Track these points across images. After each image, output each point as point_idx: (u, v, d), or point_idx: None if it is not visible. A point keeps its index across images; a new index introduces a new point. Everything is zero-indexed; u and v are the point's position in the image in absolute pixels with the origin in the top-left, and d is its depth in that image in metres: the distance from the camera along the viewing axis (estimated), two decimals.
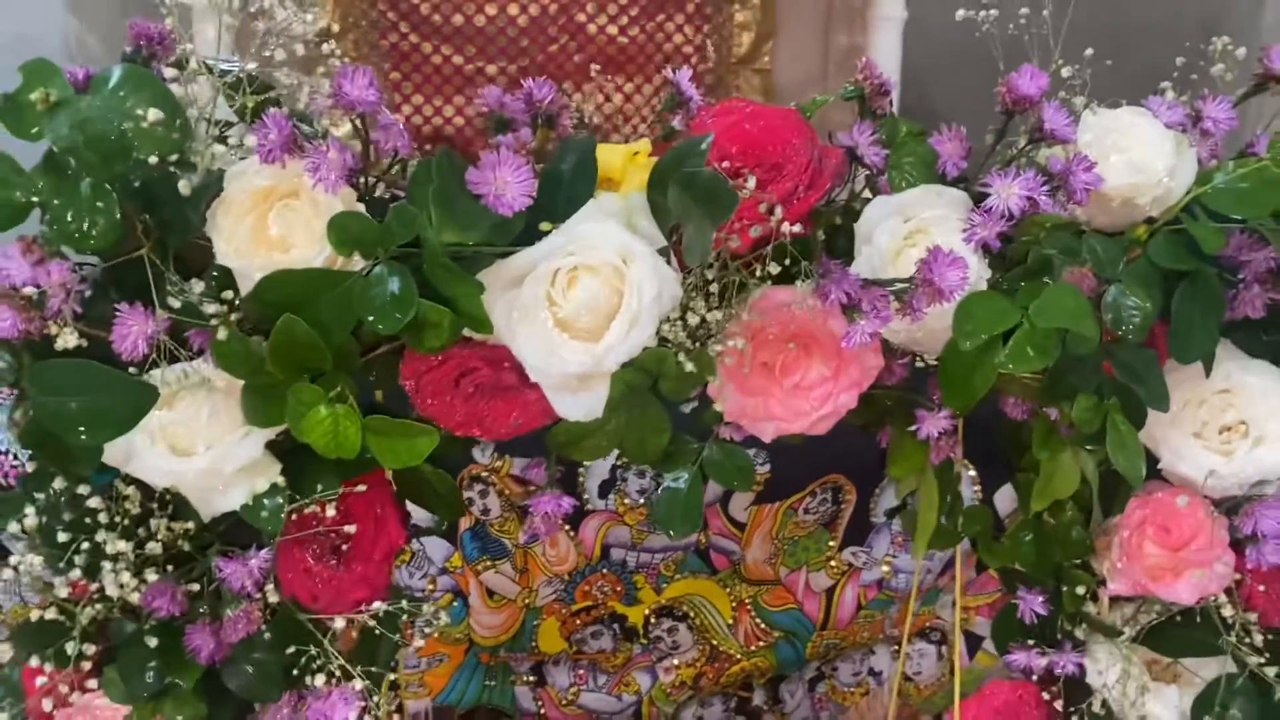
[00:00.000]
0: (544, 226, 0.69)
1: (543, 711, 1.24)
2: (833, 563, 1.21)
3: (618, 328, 0.66)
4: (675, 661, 1.23)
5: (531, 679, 1.24)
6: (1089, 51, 0.78)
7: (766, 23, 1.83)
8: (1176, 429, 0.80)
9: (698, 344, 0.67)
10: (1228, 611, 0.79)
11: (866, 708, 1.31)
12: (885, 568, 1.23)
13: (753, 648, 1.23)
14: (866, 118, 0.76)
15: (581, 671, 1.24)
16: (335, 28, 1.75)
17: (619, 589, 1.19)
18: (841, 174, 0.74)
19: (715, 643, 1.23)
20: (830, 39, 1.90)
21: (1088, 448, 0.74)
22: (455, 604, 1.17)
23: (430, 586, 1.16)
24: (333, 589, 0.74)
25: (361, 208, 0.67)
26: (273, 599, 0.70)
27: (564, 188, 0.70)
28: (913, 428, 0.77)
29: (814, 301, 0.69)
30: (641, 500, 1.14)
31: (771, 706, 1.29)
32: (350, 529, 0.73)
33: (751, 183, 0.65)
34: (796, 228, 0.67)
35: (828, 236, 0.76)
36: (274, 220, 0.67)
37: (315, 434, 0.68)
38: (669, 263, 0.68)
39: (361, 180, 0.71)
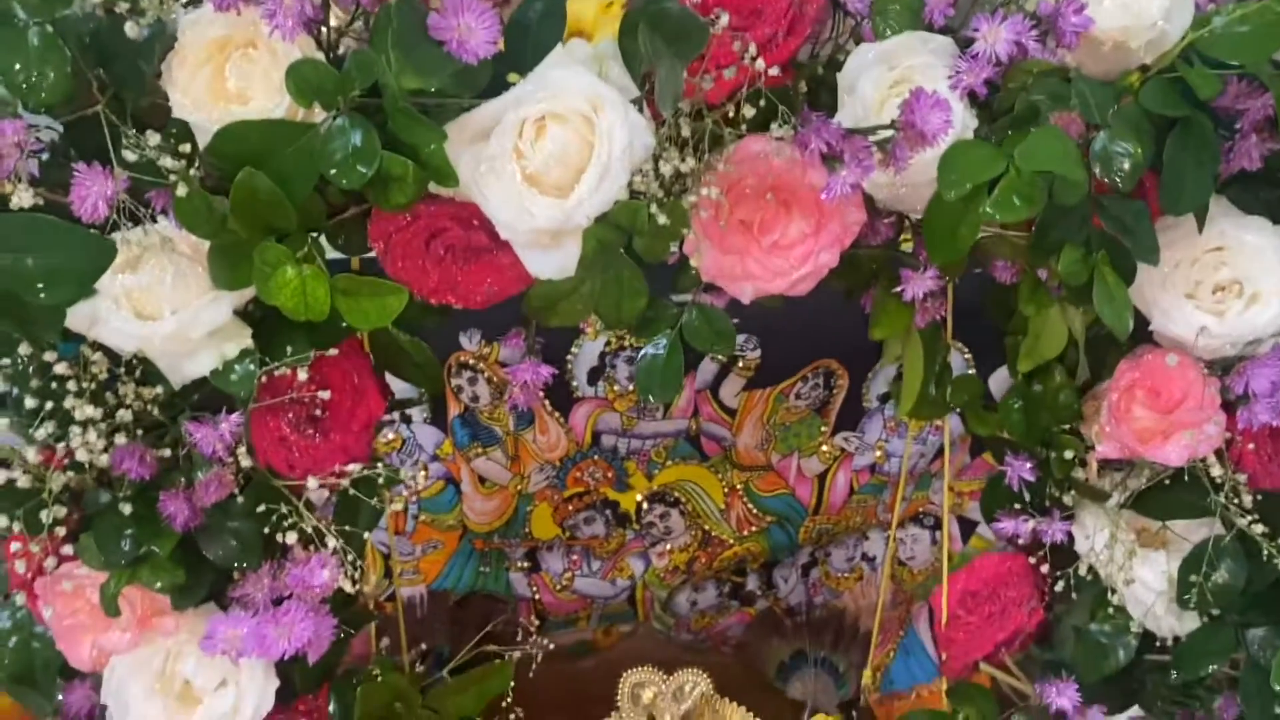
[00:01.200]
0: (511, 78, 0.66)
1: (538, 597, 1.25)
2: (825, 448, 1.20)
3: (588, 179, 0.64)
4: (668, 546, 1.24)
5: (526, 565, 1.24)
6: None
7: None
8: (1168, 289, 0.78)
9: (671, 197, 0.65)
10: (1216, 472, 0.77)
11: (860, 592, 1.32)
12: (878, 452, 1.22)
13: (745, 533, 1.23)
14: None
15: (575, 557, 1.24)
16: None
17: (610, 475, 1.19)
18: (822, 20, 0.71)
19: (707, 528, 1.23)
20: None
21: (1075, 306, 0.72)
22: (447, 490, 1.17)
23: (422, 475, 1.16)
24: (310, 458, 0.73)
25: (320, 56, 0.65)
26: (245, 463, 0.69)
27: (531, 36, 0.67)
28: (897, 289, 0.75)
29: (793, 151, 0.67)
30: (631, 387, 1.14)
31: (765, 591, 1.30)
32: (325, 394, 0.72)
33: (724, 19, 0.62)
34: (775, 71, 0.64)
35: (809, 88, 0.73)
36: (231, 71, 0.65)
37: (282, 295, 0.66)
38: (641, 112, 0.66)
39: (324, 34, 0.68)
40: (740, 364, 1.13)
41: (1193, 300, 0.78)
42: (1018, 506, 0.84)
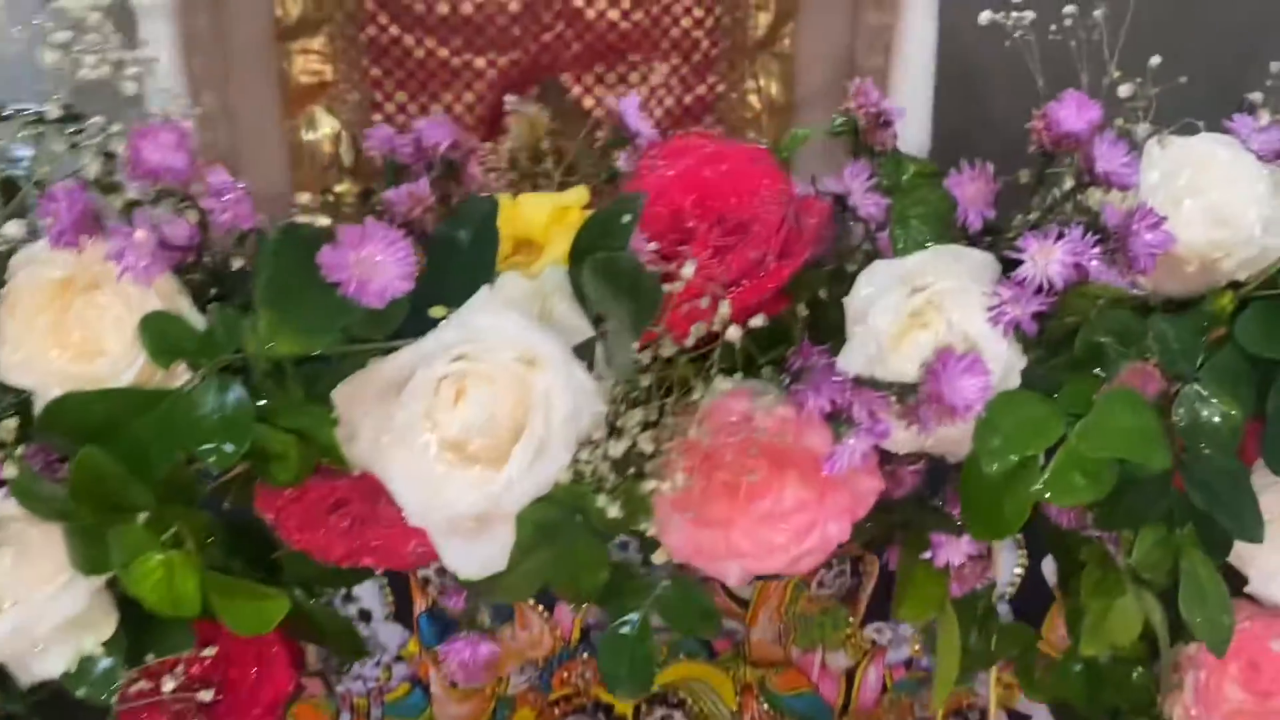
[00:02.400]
0: (435, 313, 0.52)
1: None
2: (853, 641, 1.05)
3: (520, 456, 0.50)
4: None
5: None
6: (1154, 60, 0.60)
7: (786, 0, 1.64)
8: (1271, 545, 0.62)
9: (626, 478, 0.51)
10: None
11: None
12: (915, 645, 1.07)
13: None
14: (861, 156, 0.58)
15: None
16: (306, 20, 1.59)
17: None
18: (824, 237, 0.57)
19: None
20: (859, 16, 1.70)
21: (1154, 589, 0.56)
22: (414, 693, 1.03)
23: (384, 675, 1.02)
24: None
25: (185, 299, 0.52)
26: None
27: (459, 263, 0.54)
28: (927, 554, 0.60)
29: (783, 410, 0.52)
30: None
31: None
32: (206, 696, 0.58)
33: (689, 269, 0.48)
34: (757, 321, 0.50)
35: (811, 311, 0.59)
36: (74, 321, 0.51)
37: (144, 586, 0.53)
38: (597, 358, 0.52)
39: (204, 257, 0.55)
40: None
41: None
42: None
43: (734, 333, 0.47)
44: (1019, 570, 0.94)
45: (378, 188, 0.59)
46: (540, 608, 1.00)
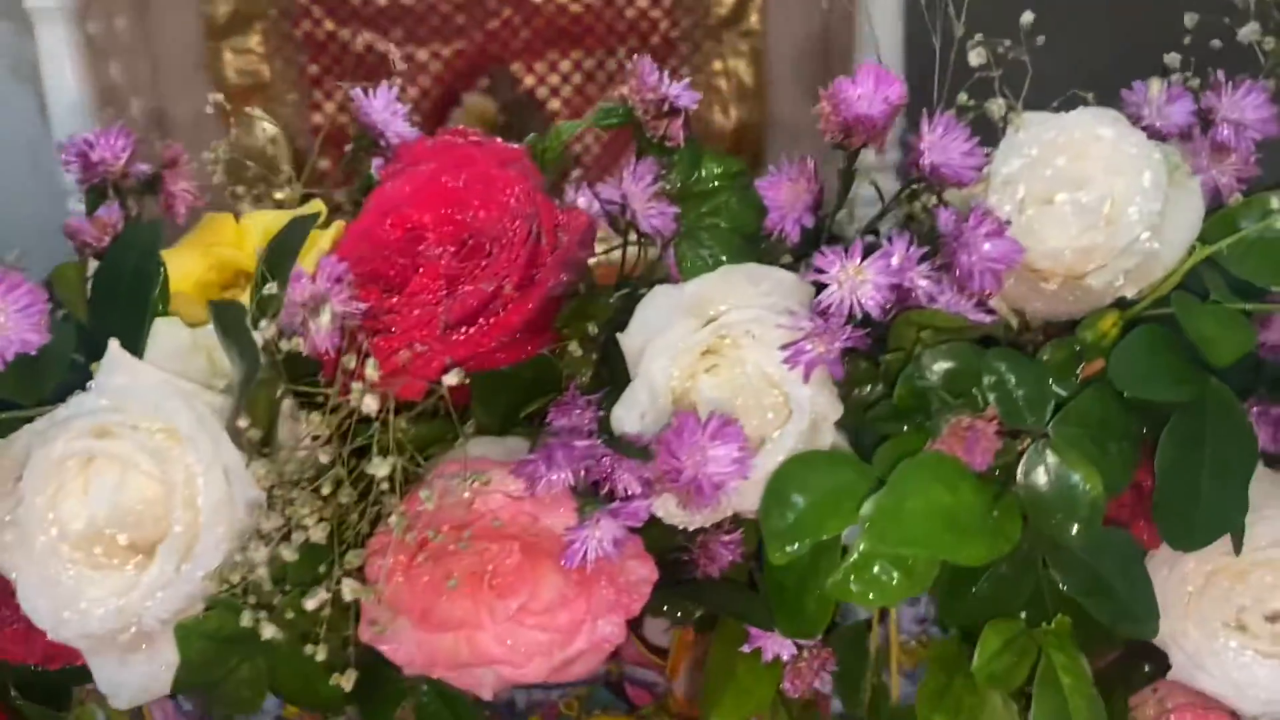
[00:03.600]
0: (96, 369, 0.42)
1: None
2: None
3: (164, 558, 0.39)
4: None
5: None
6: (1026, 17, 0.47)
7: None
8: (1194, 620, 0.49)
9: (298, 589, 0.40)
10: None
11: None
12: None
13: None
14: (647, 153, 0.46)
15: None
16: (237, 16, 1.50)
17: None
18: (580, 258, 0.45)
19: None
20: None
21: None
22: None
23: None
24: None
25: None
26: None
27: (121, 304, 0.43)
28: (748, 647, 0.48)
29: (511, 484, 0.41)
30: None
31: None
32: None
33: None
34: (450, 379, 0.38)
35: (595, 347, 0.47)
36: None
37: None
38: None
39: None
40: None
41: (1240, 634, 0.49)
42: None
43: (451, 379, 0.36)
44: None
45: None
46: None
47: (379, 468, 0.37)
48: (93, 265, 0.46)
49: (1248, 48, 0.50)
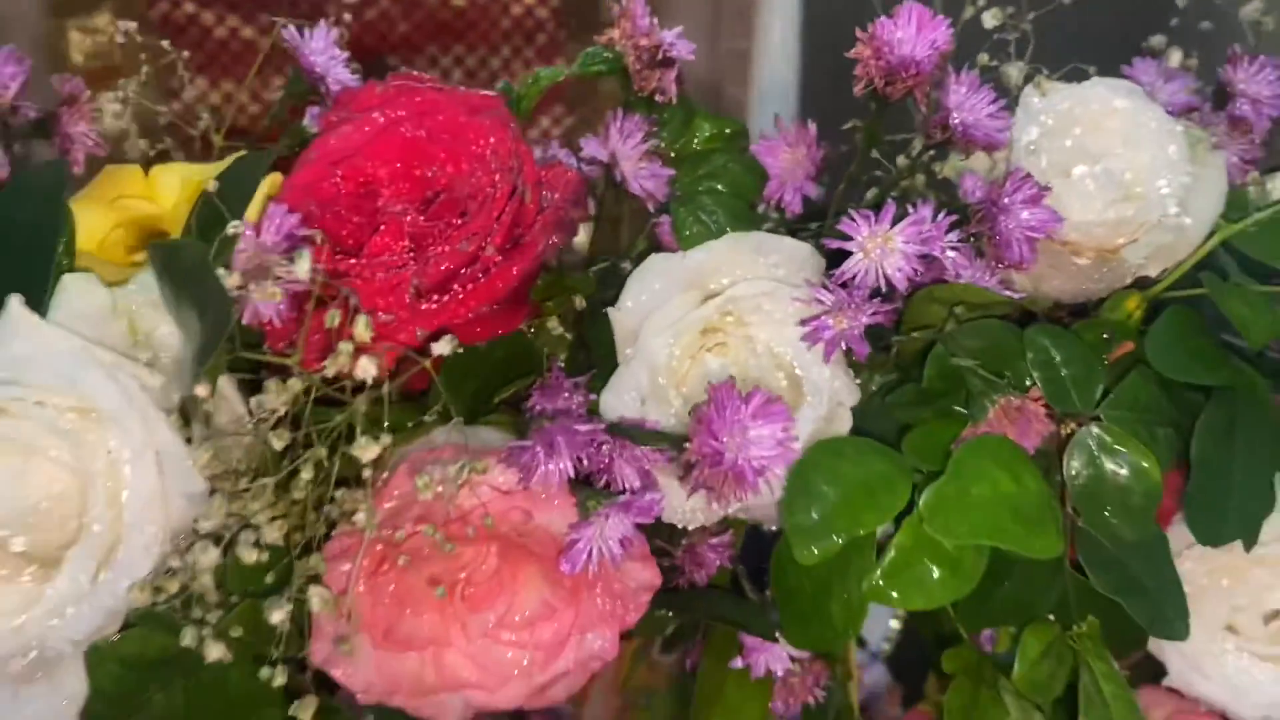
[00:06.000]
0: None
1: None
2: None
3: (76, 564, 0.32)
4: None
5: None
6: None
7: None
8: (1196, 620, 0.47)
9: (248, 600, 0.33)
10: None
11: None
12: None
13: None
14: (635, 109, 0.41)
15: None
16: None
17: None
18: (572, 219, 0.40)
19: None
20: None
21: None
22: None
23: None
24: None
25: None
26: None
27: (20, 258, 0.35)
28: (740, 663, 0.43)
29: (502, 477, 0.35)
30: None
31: None
32: None
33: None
34: (444, 348, 0.33)
35: (574, 323, 0.42)
36: None
37: None
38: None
39: None
40: None
41: (1236, 636, 0.47)
42: None
43: (369, 373, 0.30)
44: (895, 624, 0.79)
45: None
46: None
47: (366, 449, 0.31)
48: None
49: (1228, 29, 0.49)
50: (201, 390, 0.29)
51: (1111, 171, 0.40)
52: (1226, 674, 0.47)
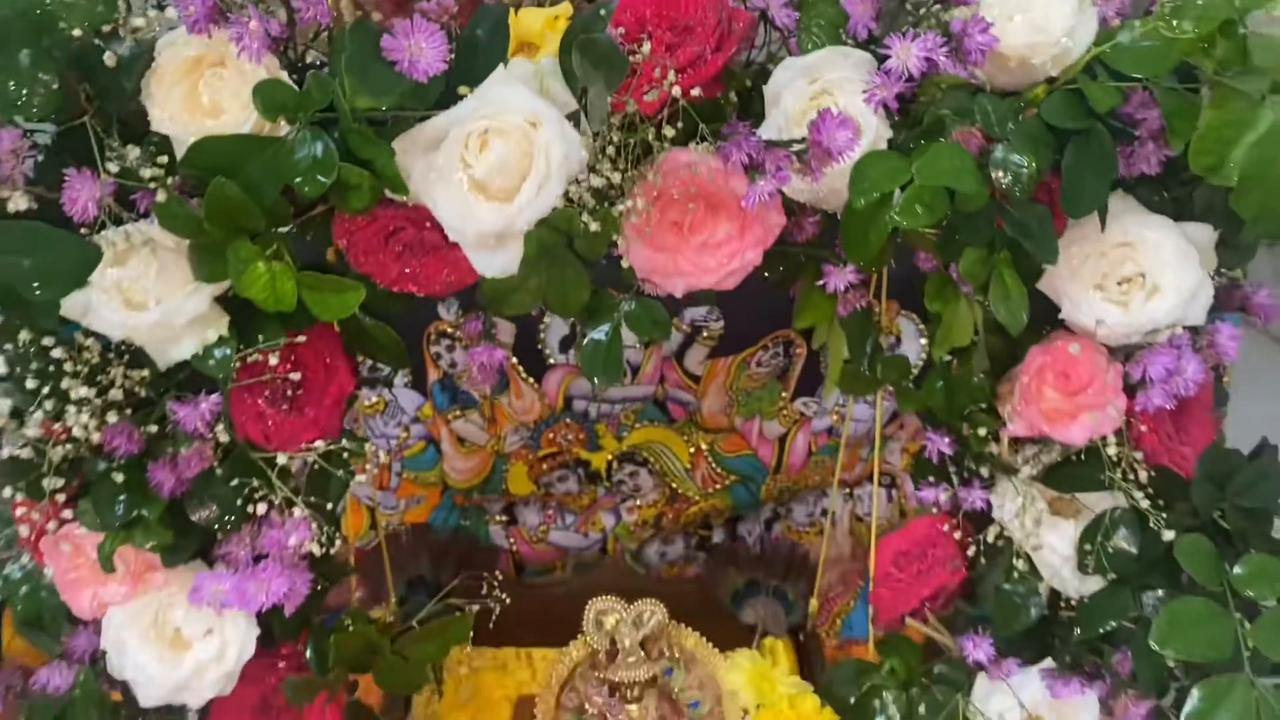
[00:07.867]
0: (462, 90, 0.73)
1: (515, 548, 1.34)
2: (785, 412, 1.27)
3: (528, 188, 0.70)
4: (637, 503, 1.31)
5: (503, 519, 1.32)
6: None
7: None
8: (1077, 281, 0.84)
9: (604, 204, 0.71)
10: (1113, 450, 0.84)
11: (821, 545, 1.39)
12: (835, 416, 1.29)
13: (710, 490, 1.31)
14: None
15: (550, 511, 1.32)
16: None
17: (582, 437, 1.26)
18: (749, 37, 0.77)
19: (674, 486, 1.30)
20: None
21: (979, 299, 0.78)
22: (428, 450, 1.25)
23: (404, 434, 1.24)
24: (285, 431, 0.81)
25: (285, 75, 0.71)
26: (224, 439, 0.77)
27: (479, 53, 0.73)
28: (821, 282, 0.82)
29: (715, 163, 0.73)
30: None
31: (730, 545, 1.38)
32: (295, 376, 0.79)
33: (646, 46, 0.68)
34: (697, 90, 0.70)
35: (740, 98, 0.79)
36: (204, 88, 0.71)
37: (255, 289, 0.74)
38: (579, 125, 0.72)
39: (290, 48, 0.75)
40: (704, 334, 1.20)
41: (1100, 291, 0.84)
42: (941, 475, 0.91)
43: (677, 92, 0.68)
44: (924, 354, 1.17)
45: None
46: (531, 380, 1.21)
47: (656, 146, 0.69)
48: None
49: None
50: (600, 121, 0.67)
51: (1033, 17, 0.76)
52: (1094, 311, 0.85)
